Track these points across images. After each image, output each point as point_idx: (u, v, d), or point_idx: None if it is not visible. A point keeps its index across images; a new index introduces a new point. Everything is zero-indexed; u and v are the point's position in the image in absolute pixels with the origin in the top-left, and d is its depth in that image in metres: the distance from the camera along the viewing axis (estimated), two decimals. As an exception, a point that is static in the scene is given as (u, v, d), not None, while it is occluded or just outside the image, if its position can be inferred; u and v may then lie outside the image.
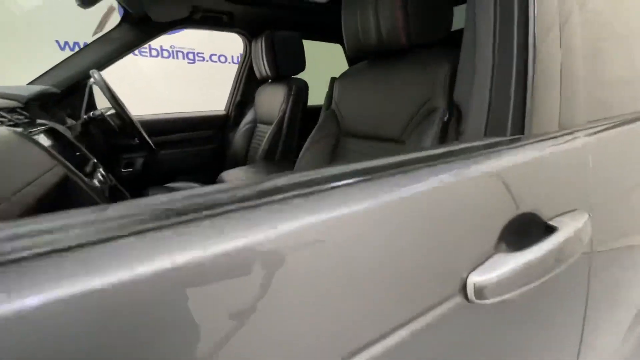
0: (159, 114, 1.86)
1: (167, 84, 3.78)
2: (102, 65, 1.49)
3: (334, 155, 1.05)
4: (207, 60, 4.09)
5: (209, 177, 2.02)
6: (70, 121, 1.39)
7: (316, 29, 1.92)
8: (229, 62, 4.21)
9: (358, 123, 0.97)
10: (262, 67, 1.61)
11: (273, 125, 1.53)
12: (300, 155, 1.10)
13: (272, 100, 1.63)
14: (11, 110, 0.93)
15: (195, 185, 1.75)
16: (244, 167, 1.36)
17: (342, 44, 2.18)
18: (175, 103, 3.78)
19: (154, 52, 3.74)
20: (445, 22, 0.81)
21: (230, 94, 2.01)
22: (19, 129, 0.81)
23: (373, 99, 0.92)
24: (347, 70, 1.07)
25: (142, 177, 1.71)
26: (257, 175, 1.24)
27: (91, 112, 1.23)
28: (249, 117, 1.83)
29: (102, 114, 1.23)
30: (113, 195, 1.10)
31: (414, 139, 0.77)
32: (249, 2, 1.50)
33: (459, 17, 0.71)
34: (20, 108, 1.01)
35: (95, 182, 0.94)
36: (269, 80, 1.70)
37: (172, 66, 3.85)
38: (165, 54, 3.86)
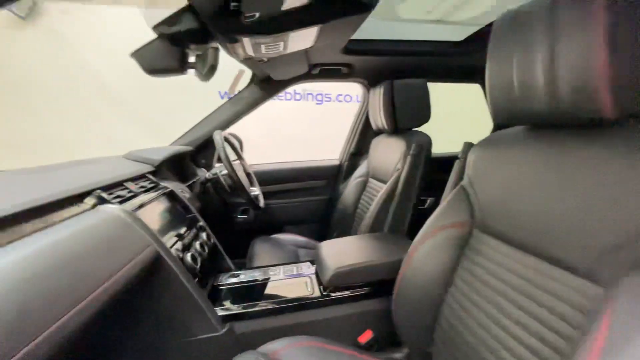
0: (272, 162, 1.91)
1: (298, 123, 4.11)
2: (231, 121, 1.62)
3: (464, 256, 0.74)
4: (334, 101, 4.30)
5: (316, 231, 1.93)
6: (202, 171, 1.53)
7: (448, 71, 1.62)
8: (354, 101, 4.35)
9: (505, 222, 0.65)
10: (378, 119, 1.43)
11: (385, 188, 1.30)
12: (415, 243, 0.83)
13: (387, 156, 1.42)
14: (140, 176, 1.02)
15: (300, 238, 1.67)
16: (346, 239, 1.18)
17: (481, 83, 1.81)
18: (303, 141, 4.03)
19: (288, 96, 4.18)
20: None
21: (345, 143, 1.91)
22: (133, 203, 0.86)
23: (534, 191, 0.59)
24: (491, 136, 0.76)
25: (253, 226, 1.76)
26: (358, 253, 1.03)
27: (207, 174, 1.30)
28: (361, 169, 1.66)
29: (216, 175, 1.29)
30: (212, 256, 1.09)
31: (630, 295, 0.41)
32: (369, 53, 1.37)
33: None
34: (152, 172, 1.11)
35: (190, 253, 0.92)
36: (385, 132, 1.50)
37: (303, 107, 4.19)
38: (298, 96, 4.25)
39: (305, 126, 4.06)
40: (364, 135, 1.79)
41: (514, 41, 0.57)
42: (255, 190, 1.49)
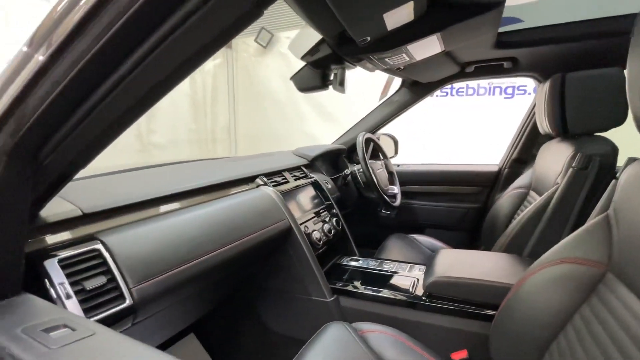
0: (424, 163, 1.90)
1: (481, 122, 3.68)
2: (382, 123, 1.77)
3: (587, 301, 0.59)
4: (530, 93, 3.58)
5: (461, 240, 1.79)
6: (351, 167, 1.77)
7: None
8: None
9: None
10: (542, 120, 1.19)
11: (534, 204, 1.09)
12: (530, 270, 0.72)
13: (550, 166, 1.16)
14: (295, 168, 1.35)
15: (438, 243, 1.63)
16: (468, 252, 1.09)
17: None
18: (486, 144, 3.58)
19: (470, 91, 3.81)
20: None
21: (508, 147, 1.66)
22: (285, 187, 1.18)
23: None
24: None
25: (394, 222, 1.84)
26: (469, 268, 0.95)
27: (346, 170, 1.51)
28: (523, 179, 1.42)
29: (355, 171, 1.48)
30: (338, 239, 1.31)
31: None
32: (537, 42, 1.15)
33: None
34: (306, 165, 1.44)
35: (316, 232, 1.16)
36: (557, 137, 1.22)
37: (488, 103, 3.72)
38: (482, 91, 3.81)
39: (490, 126, 3.57)
40: (532, 139, 1.50)
41: None
42: (394, 189, 1.58)
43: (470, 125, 3.77)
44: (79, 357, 0.33)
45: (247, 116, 4.68)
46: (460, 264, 1.00)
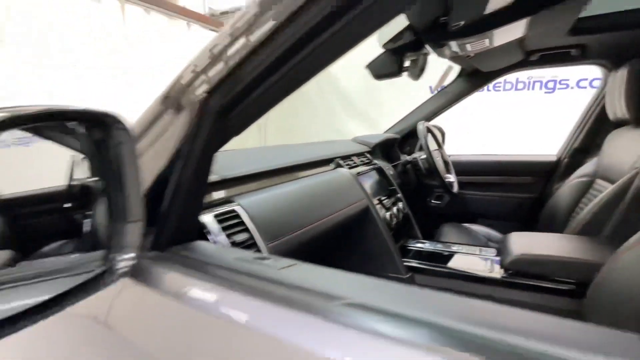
0: (477, 154, 1.91)
1: (517, 122, 3.55)
2: (436, 114, 1.79)
3: None
4: (572, 87, 3.45)
5: (514, 229, 1.78)
6: (404, 157, 1.81)
7: None
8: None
9: None
10: (616, 105, 1.18)
11: (612, 187, 1.09)
12: (629, 244, 0.74)
13: (626, 152, 1.16)
14: (360, 154, 1.41)
15: (493, 233, 1.64)
16: (541, 234, 1.10)
17: None
18: (521, 148, 3.47)
19: (507, 86, 3.70)
20: None
21: (568, 136, 1.64)
22: (356, 170, 1.24)
23: None
24: None
25: (445, 212, 1.86)
26: (549, 246, 0.97)
27: (407, 157, 1.55)
28: (587, 168, 1.41)
29: (415, 159, 1.52)
30: (404, 222, 1.35)
31: None
32: (612, 28, 1.15)
33: None
34: (368, 152, 1.49)
35: (388, 213, 1.21)
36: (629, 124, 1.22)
37: (526, 100, 3.60)
38: (520, 85, 3.70)
39: (528, 126, 3.45)
40: (596, 128, 1.49)
41: None
42: (450, 177, 1.60)
43: (509, 123, 3.65)
44: (300, 275, 0.39)
45: (278, 113, 4.76)
46: (539, 243, 1.02)
